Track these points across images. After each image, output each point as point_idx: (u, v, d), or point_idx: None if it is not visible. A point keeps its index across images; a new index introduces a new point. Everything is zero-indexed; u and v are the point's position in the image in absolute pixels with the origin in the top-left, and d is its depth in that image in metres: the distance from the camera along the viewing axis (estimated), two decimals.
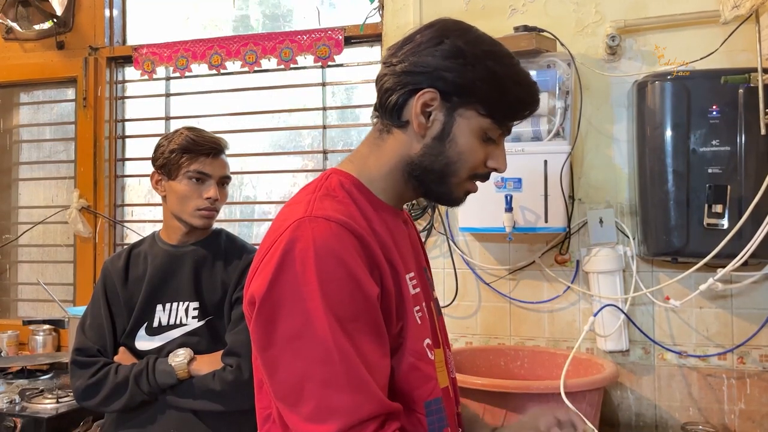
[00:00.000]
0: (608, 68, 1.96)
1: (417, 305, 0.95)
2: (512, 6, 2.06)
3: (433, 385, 0.93)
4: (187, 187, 1.58)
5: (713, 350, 1.87)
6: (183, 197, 1.58)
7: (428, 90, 0.92)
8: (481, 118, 0.93)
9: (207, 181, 1.59)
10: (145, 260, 1.63)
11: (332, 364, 0.80)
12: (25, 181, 2.83)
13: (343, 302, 0.82)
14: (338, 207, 0.89)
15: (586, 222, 1.97)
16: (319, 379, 0.80)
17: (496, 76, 0.92)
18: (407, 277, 0.95)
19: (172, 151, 1.59)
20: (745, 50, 1.81)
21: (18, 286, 2.83)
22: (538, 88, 0.97)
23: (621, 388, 1.93)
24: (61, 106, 2.79)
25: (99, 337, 1.58)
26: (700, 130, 1.72)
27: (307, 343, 0.81)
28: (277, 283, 0.83)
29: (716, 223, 1.70)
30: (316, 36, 2.36)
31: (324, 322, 0.80)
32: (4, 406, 1.89)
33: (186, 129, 1.63)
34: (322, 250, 0.83)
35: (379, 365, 0.85)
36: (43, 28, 2.68)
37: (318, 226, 0.85)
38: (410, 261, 0.99)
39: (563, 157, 1.84)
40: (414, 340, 0.91)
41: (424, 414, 0.91)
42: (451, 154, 0.94)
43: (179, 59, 2.50)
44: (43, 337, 2.52)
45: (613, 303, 1.87)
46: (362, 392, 0.80)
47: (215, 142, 1.63)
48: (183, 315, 1.57)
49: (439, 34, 0.94)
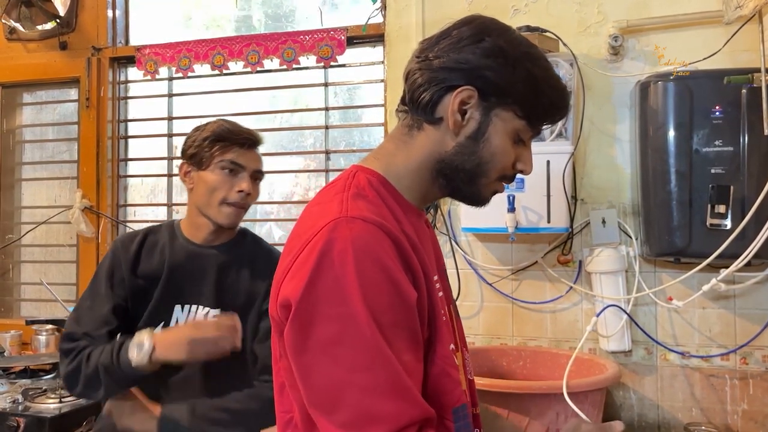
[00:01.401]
0: (611, 68, 1.96)
1: (443, 308, 0.93)
2: (514, 6, 2.06)
3: (460, 391, 0.91)
4: (218, 178, 1.50)
5: (716, 351, 1.87)
6: (213, 188, 1.50)
7: (467, 88, 0.90)
8: (517, 120, 0.92)
9: (240, 173, 1.51)
10: (162, 253, 1.54)
11: (375, 370, 0.77)
12: (28, 181, 2.83)
13: (384, 306, 0.79)
14: (372, 208, 0.86)
15: (589, 222, 1.96)
16: (360, 386, 0.77)
17: (534, 78, 0.91)
18: (435, 278, 0.93)
19: (205, 138, 1.51)
20: (747, 50, 1.81)
21: (21, 286, 2.83)
22: (569, 93, 0.97)
23: (623, 388, 1.93)
24: (63, 106, 2.80)
25: (90, 320, 1.48)
26: (702, 131, 1.72)
27: (347, 349, 0.78)
28: (315, 285, 0.79)
29: (719, 223, 1.70)
30: (318, 36, 2.36)
31: (365, 327, 0.77)
32: (7, 406, 1.90)
33: (221, 119, 1.57)
34: (362, 253, 0.80)
35: (417, 371, 0.83)
36: (45, 29, 2.69)
37: (356, 227, 0.82)
38: (434, 263, 0.98)
39: (566, 158, 1.84)
40: (443, 345, 0.89)
41: (452, 420, 0.89)
42: (484, 155, 0.92)
43: (182, 59, 2.50)
44: (45, 337, 2.52)
45: (616, 303, 1.87)
46: (406, 398, 0.78)
47: (251, 133, 1.56)
48: (201, 319, 1.51)
49: (479, 31, 0.94)
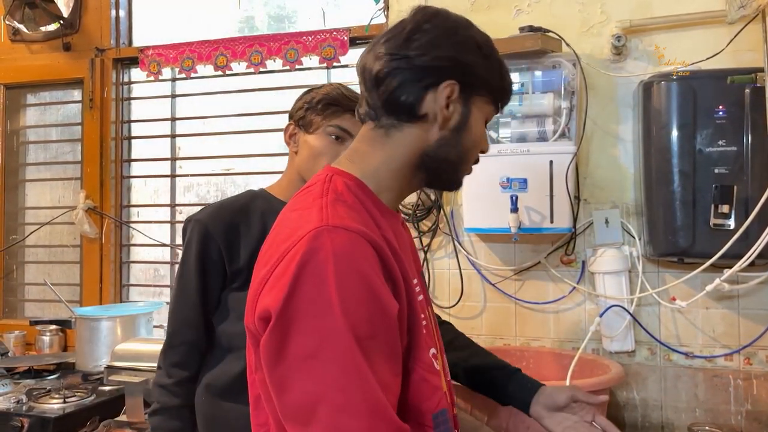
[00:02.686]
0: (614, 68, 1.96)
1: (423, 313, 0.92)
2: (517, 6, 2.06)
3: (440, 395, 0.90)
4: (324, 143, 1.42)
5: (719, 351, 1.86)
6: (317, 154, 1.42)
7: (450, 82, 0.92)
8: (489, 106, 0.98)
9: (347, 140, 1.42)
10: (263, 218, 1.40)
11: (349, 387, 0.75)
12: (31, 182, 2.84)
13: (363, 320, 0.77)
14: (353, 214, 0.85)
15: (592, 222, 1.96)
16: (333, 402, 0.75)
17: (500, 64, 0.98)
18: (415, 281, 0.92)
19: (319, 101, 1.43)
20: (751, 50, 1.81)
21: (25, 286, 2.84)
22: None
23: (627, 389, 1.92)
24: (67, 107, 2.81)
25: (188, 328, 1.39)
26: (706, 130, 1.72)
27: (323, 363, 0.76)
28: (295, 297, 0.77)
29: (722, 223, 1.70)
30: (321, 37, 2.36)
31: (342, 342, 0.75)
32: (11, 406, 1.90)
33: (336, 83, 1.50)
34: (343, 264, 0.78)
35: (391, 385, 0.81)
36: (49, 30, 2.70)
37: (338, 237, 0.79)
38: (413, 266, 0.98)
39: (569, 158, 1.84)
40: (423, 351, 0.88)
41: (432, 426, 0.88)
42: (467, 143, 0.96)
43: (185, 60, 2.51)
44: (49, 338, 2.53)
45: (619, 303, 1.87)
46: (379, 416, 0.76)
47: None
48: None
49: (450, 24, 0.95)
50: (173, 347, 1.41)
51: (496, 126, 1.93)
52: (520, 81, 1.87)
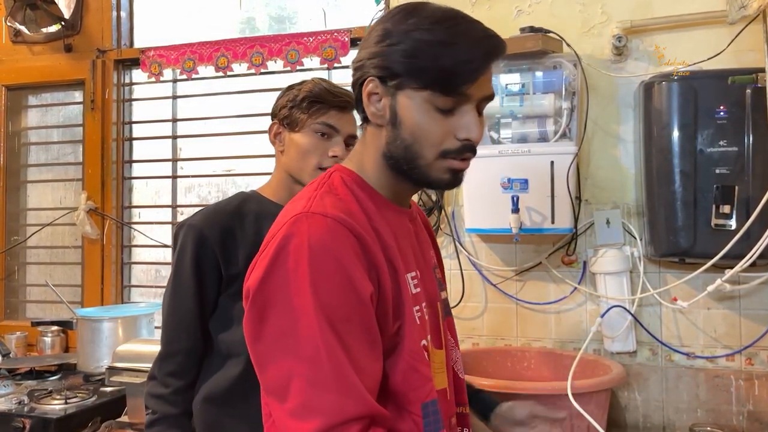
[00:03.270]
0: (614, 69, 1.96)
1: (417, 305, 0.93)
2: (518, 7, 2.06)
3: (430, 387, 0.91)
4: (311, 141, 1.39)
5: (721, 351, 1.86)
6: (305, 152, 1.39)
7: (369, 79, 0.92)
8: (419, 92, 0.89)
9: (334, 136, 1.40)
10: (258, 221, 1.37)
11: (319, 363, 0.79)
12: (33, 183, 2.85)
13: (335, 301, 0.80)
14: (338, 204, 0.88)
15: (593, 223, 1.96)
16: (305, 378, 0.79)
17: (422, 45, 0.88)
18: (408, 276, 0.93)
19: (303, 98, 1.40)
20: (752, 50, 1.81)
21: (26, 287, 2.84)
22: (487, 43, 0.89)
23: (628, 389, 1.92)
24: (68, 108, 2.81)
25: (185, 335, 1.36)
26: (707, 131, 1.72)
27: (295, 341, 0.80)
28: (270, 278, 0.82)
29: (724, 223, 1.69)
30: (322, 38, 2.36)
31: (313, 321, 0.79)
32: (13, 407, 1.90)
33: (318, 78, 1.46)
34: (317, 247, 0.81)
35: (370, 369, 0.83)
36: (50, 31, 2.70)
37: (314, 222, 0.84)
38: (412, 259, 0.98)
39: (570, 158, 1.84)
40: (412, 341, 0.90)
41: (421, 416, 0.89)
42: (406, 137, 0.91)
43: (186, 61, 2.51)
44: (51, 338, 2.54)
45: (620, 304, 1.87)
46: (348, 393, 0.79)
47: (349, 95, 1.40)
48: None
49: (379, 21, 0.95)
50: (169, 356, 1.37)
51: (497, 127, 1.93)
52: (521, 81, 1.87)
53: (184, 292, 1.35)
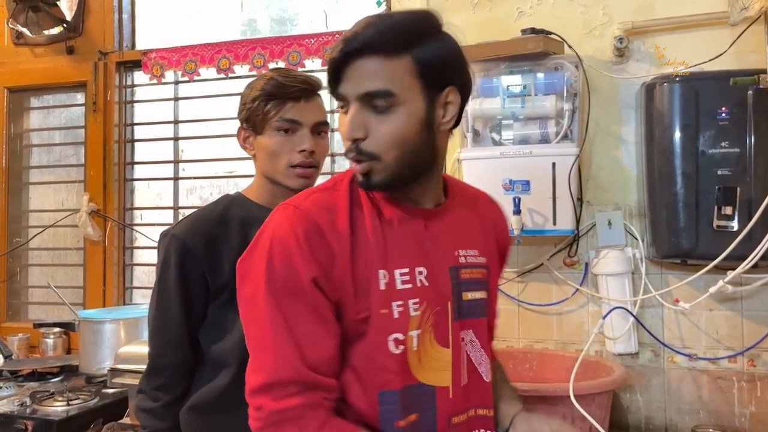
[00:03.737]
0: (616, 70, 1.96)
1: (399, 300, 0.96)
2: (519, 8, 2.06)
3: (389, 378, 0.95)
4: (276, 140, 1.33)
5: (723, 353, 1.86)
6: (272, 153, 1.34)
7: None
8: None
9: (299, 130, 1.33)
10: (243, 227, 1.32)
11: (264, 329, 0.93)
12: (35, 184, 2.85)
13: (280, 281, 0.93)
14: (321, 197, 0.98)
15: (595, 224, 1.96)
16: (255, 340, 0.95)
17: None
18: (382, 272, 0.95)
19: (254, 99, 1.33)
20: (753, 51, 1.81)
21: (28, 289, 2.85)
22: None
23: (630, 390, 1.92)
24: (70, 110, 2.81)
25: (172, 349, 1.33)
26: (708, 132, 1.72)
27: (254, 310, 0.95)
28: (247, 256, 0.98)
29: (726, 225, 1.69)
30: (323, 39, 2.37)
31: (263, 295, 0.93)
32: (15, 409, 1.91)
33: (273, 70, 1.39)
34: (276, 234, 0.94)
35: (321, 342, 0.93)
36: (52, 33, 2.70)
37: (285, 213, 0.96)
38: (407, 257, 0.98)
39: (571, 159, 1.84)
40: (377, 333, 0.94)
41: (377, 402, 0.95)
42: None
43: (188, 63, 2.52)
44: (53, 340, 2.54)
45: (622, 305, 1.87)
46: (282, 358, 0.91)
47: (307, 81, 1.34)
48: None
49: None
50: (157, 370, 1.34)
51: (499, 128, 1.93)
52: (523, 83, 1.87)
53: (170, 305, 1.31)
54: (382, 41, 0.91)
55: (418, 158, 0.96)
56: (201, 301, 1.32)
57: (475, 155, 1.92)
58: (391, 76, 0.91)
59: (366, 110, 0.93)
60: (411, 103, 0.93)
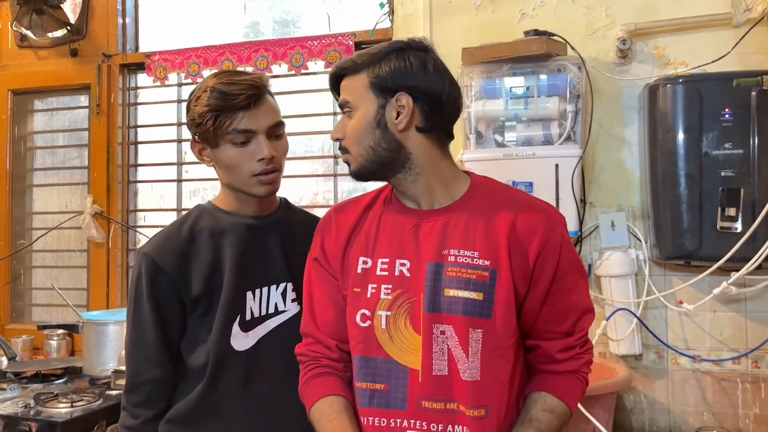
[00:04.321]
0: (619, 71, 1.96)
1: (374, 284, 1.14)
2: (522, 10, 2.06)
3: (354, 344, 1.15)
4: (232, 153, 1.28)
5: (727, 354, 1.86)
6: (231, 166, 1.29)
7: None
8: None
9: (254, 138, 1.27)
10: (213, 239, 1.32)
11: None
12: (39, 187, 2.86)
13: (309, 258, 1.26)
14: (353, 200, 1.27)
15: (598, 226, 1.96)
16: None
17: None
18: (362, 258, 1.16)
19: (201, 114, 1.26)
20: (757, 53, 1.81)
21: (32, 291, 2.85)
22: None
23: (634, 392, 1.92)
24: (74, 112, 2.82)
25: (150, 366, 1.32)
26: (712, 133, 1.72)
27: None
28: None
29: (729, 226, 1.69)
30: (326, 41, 2.37)
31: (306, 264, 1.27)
32: (19, 411, 1.91)
33: (213, 78, 1.29)
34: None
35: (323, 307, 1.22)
36: (56, 36, 2.71)
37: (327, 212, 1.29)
38: (390, 249, 1.15)
39: (574, 161, 1.84)
40: (350, 306, 1.16)
41: (355, 361, 1.15)
42: None
43: (191, 65, 2.52)
44: (57, 342, 2.54)
45: (626, 307, 1.86)
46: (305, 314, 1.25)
47: (252, 86, 1.27)
48: (279, 300, 1.34)
49: None
50: (136, 387, 1.33)
51: (502, 130, 1.93)
52: (525, 85, 1.87)
53: (145, 323, 1.31)
54: (350, 66, 1.16)
55: (378, 155, 1.13)
56: (177, 317, 1.32)
57: (478, 157, 1.92)
58: (352, 90, 1.15)
59: (344, 116, 1.17)
60: (363, 108, 1.14)
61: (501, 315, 1.10)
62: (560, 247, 1.13)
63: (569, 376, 1.15)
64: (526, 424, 1.11)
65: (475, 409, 1.09)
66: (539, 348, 1.16)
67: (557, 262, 1.12)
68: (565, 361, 1.15)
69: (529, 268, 1.11)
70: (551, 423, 1.11)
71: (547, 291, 1.12)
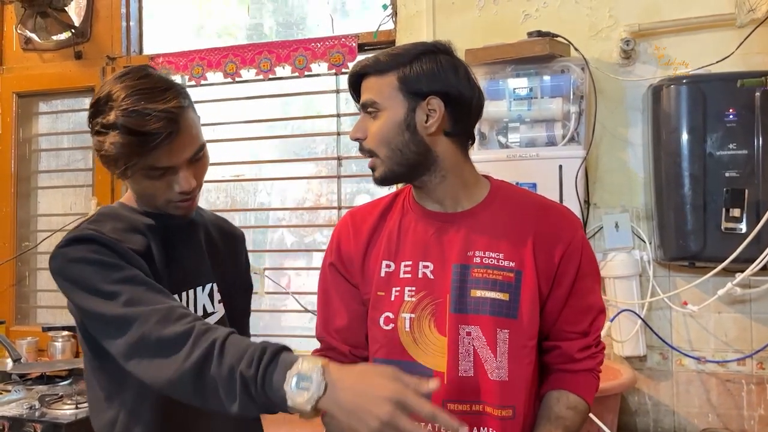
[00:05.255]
0: (622, 72, 1.95)
1: (398, 286, 1.14)
2: (525, 11, 2.06)
3: (377, 347, 1.15)
4: (146, 185, 1.12)
5: (732, 355, 1.85)
6: (146, 196, 1.15)
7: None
8: None
9: (171, 174, 1.11)
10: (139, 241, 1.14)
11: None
12: (44, 189, 2.87)
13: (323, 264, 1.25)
14: (368, 204, 1.27)
15: (602, 227, 1.96)
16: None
17: None
18: (386, 263, 1.16)
19: (108, 156, 1.07)
20: (761, 53, 1.80)
21: (37, 293, 2.86)
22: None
23: (639, 394, 1.91)
24: (79, 115, 2.83)
25: None
26: (716, 134, 1.71)
27: None
28: None
29: (734, 227, 1.69)
30: (329, 43, 2.37)
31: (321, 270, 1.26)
32: (24, 412, 1.91)
33: (121, 96, 1.07)
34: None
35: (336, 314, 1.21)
36: (61, 39, 2.72)
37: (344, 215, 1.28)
38: (413, 252, 1.15)
39: (578, 162, 1.84)
40: (373, 310, 1.16)
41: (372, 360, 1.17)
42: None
43: (195, 68, 2.53)
44: (61, 344, 2.55)
45: (630, 308, 1.86)
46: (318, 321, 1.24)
47: (169, 120, 1.06)
48: (207, 301, 1.21)
49: None
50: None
51: (505, 131, 1.93)
52: (529, 86, 1.87)
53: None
54: (376, 66, 1.13)
55: (406, 157, 1.11)
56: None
57: (482, 158, 1.90)
58: (378, 90, 1.12)
59: (366, 116, 1.14)
60: (391, 109, 1.11)
61: (526, 315, 1.11)
62: (582, 248, 1.15)
63: (586, 375, 1.17)
64: (554, 422, 1.11)
65: (503, 409, 1.09)
66: (558, 348, 1.16)
67: (579, 263, 1.14)
68: (583, 360, 1.16)
69: (553, 269, 1.13)
70: (575, 420, 1.13)
71: (569, 292, 1.14)
